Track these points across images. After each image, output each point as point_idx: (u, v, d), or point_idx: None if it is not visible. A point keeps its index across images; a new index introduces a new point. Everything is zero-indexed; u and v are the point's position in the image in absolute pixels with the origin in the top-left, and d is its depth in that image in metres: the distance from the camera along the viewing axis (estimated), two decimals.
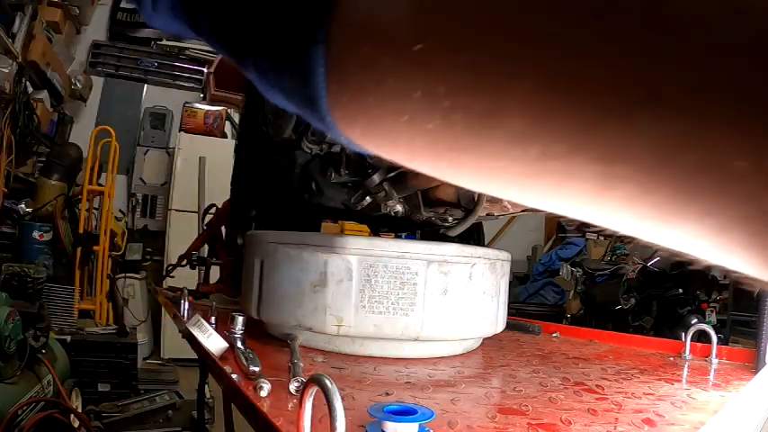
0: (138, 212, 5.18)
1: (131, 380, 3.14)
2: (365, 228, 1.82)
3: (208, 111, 5.22)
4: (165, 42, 5.59)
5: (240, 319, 0.86)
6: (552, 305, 5.59)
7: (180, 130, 5.19)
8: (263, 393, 0.63)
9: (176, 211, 4.95)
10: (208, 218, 2.16)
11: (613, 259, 4.71)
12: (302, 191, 1.20)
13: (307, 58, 0.23)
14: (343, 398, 0.43)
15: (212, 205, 2.23)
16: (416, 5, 0.19)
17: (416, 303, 0.91)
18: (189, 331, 0.87)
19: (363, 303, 0.90)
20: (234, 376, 0.71)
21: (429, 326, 0.91)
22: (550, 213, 0.25)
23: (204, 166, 4.70)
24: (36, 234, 3.85)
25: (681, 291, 3.85)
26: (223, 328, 0.88)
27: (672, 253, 0.18)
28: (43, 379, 2.27)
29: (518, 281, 6.31)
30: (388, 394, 0.70)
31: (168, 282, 2.29)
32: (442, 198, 1.05)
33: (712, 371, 1.01)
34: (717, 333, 1.10)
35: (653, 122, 0.15)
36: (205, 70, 5.34)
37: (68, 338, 3.02)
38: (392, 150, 0.23)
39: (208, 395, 2.55)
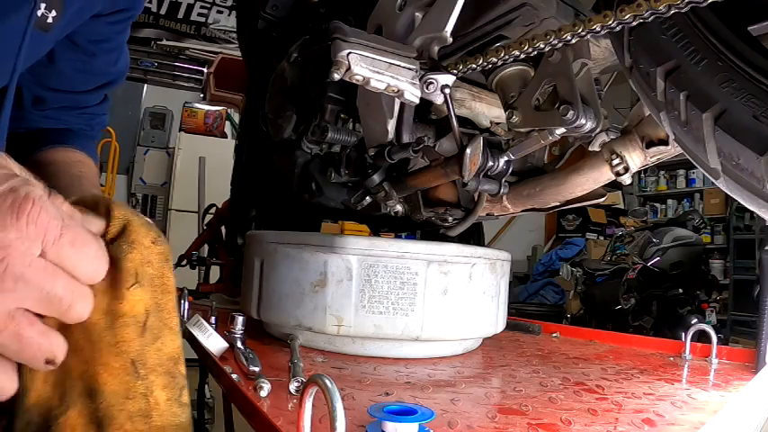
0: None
1: None
2: (365, 228, 1.82)
3: (208, 111, 5.23)
4: (164, 42, 5.60)
5: (240, 319, 0.86)
6: (552, 305, 5.60)
7: (180, 130, 5.19)
8: (263, 393, 0.63)
9: (176, 211, 4.96)
10: (208, 218, 2.16)
11: (613, 259, 4.71)
12: (302, 191, 1.20)
13: None
14: (343, 398, 0.44)
15: (212, 205, 2.23)
16: None
17: (416, 303, 0.91)
18: (189, 331, 0.87)
19: (363, 303, 0.90)
20: (234, 376, 0.71)
21: (429, 326, 0.91)
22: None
23: (204, 166, 4.70)
24: None
25: (681, 291, 3.85)
26: (223, 328, 0.88)
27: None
28: None
29: (518, 281, 6.32)
30: (388, 394, 0.70)
31: None
32: (442, 198, 1.05)
33: (712, 371, 1.01)
34: (717, 333, 1.09)
35: None
36: (205, 70, 5.34)
37: None
38: None
39: (208, 395, 2.55)
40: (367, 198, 1.10)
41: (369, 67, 0.74)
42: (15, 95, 0.83)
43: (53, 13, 0.69)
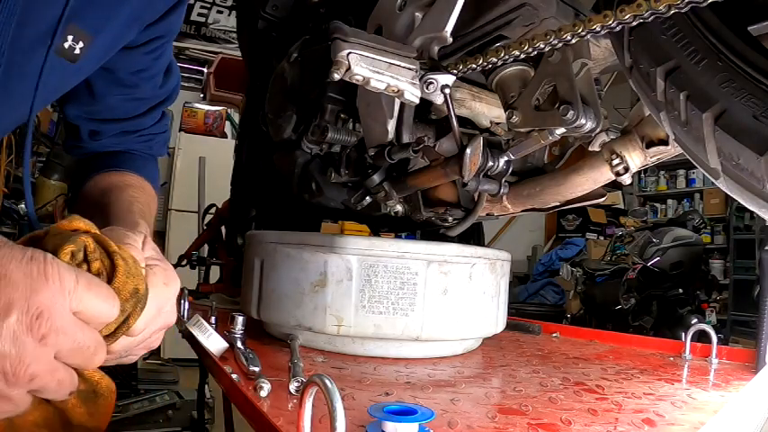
0: None
1: (131, 380, 3.14)
2: (365, 228, 1.82)
3: (208, 111, 5.22)
4: None
5: (240, 319, 0.86)
6: (552, 305, 5.59)
7: (180, 130, 5.18)
8: (263, 393, 0.63)
9: (176, 211, 4.95)
10: (208, 218, 2.16)
11: (613, 259, 4.71)
12: (302, 191, 1.20)
13: None
14: (343, 398, 0.44)
15: (212, 205, 2.23)
16: None
17: (416, 303, 0.91)
18: (189, 331, 0.87)
19: (363, 303, 0.90)
20: (234, 376, 0.71)
21: (429, 326, 0.91)
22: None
23: (204, 166, 4.70)
24: None
25: (681, 291, 3.84)
26: (223, 328, 0.88)
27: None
28: None
29: (518, 281, 6.32)
30: (388, 394, 0.70)
31: None
32: (442, 198, 1.05)
33: (712, 371, 1.01)
34: (717, 333, 1.09)
35: None
36: (205, 70, 5.34)
37: None
38: None
39: (208, 395, 2.55)
40: (367, 198, 1.10)
41: (369, 67, 0.74)
42: (73, 130, 0.90)
43: (80, 44, 0.71)
